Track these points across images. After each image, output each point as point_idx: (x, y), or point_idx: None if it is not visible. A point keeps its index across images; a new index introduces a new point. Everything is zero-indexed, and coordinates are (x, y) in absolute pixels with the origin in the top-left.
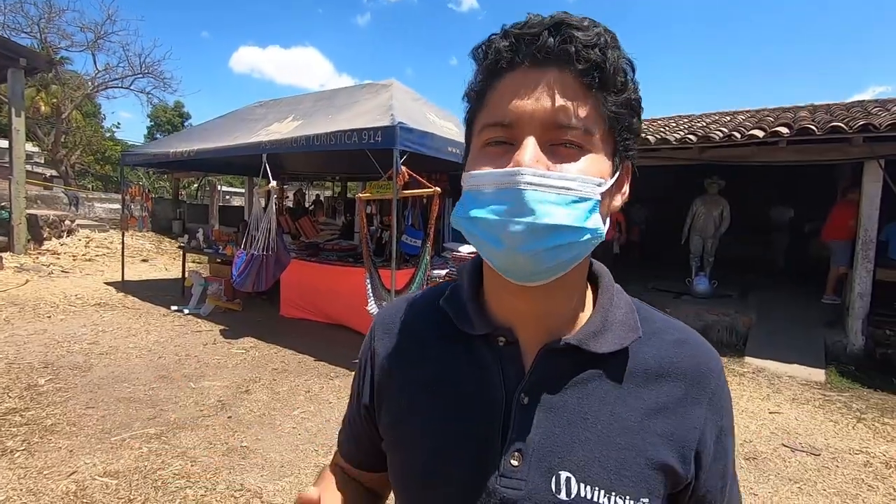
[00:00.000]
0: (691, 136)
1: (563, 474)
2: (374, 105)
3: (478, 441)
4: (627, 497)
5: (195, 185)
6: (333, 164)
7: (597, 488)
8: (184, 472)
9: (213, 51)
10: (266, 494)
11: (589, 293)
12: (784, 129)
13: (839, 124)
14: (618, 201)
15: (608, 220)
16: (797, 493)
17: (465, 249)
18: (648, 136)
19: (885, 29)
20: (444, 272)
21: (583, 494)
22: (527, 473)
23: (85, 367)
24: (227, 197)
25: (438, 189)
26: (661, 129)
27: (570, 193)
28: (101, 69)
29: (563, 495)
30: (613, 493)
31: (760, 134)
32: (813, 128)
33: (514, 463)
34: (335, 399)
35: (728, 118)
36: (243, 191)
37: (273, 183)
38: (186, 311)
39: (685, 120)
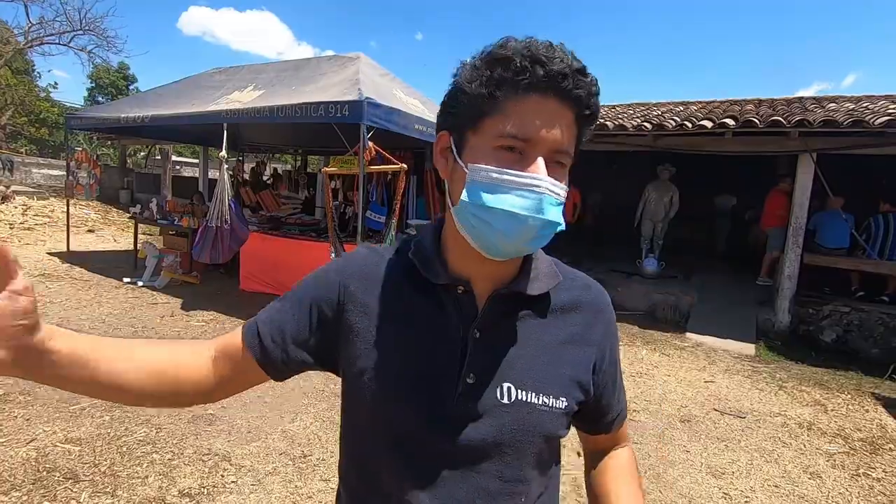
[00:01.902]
0: (647, 124)
1: (506, 385)
2: (340, 78)
3: (442, 366)
4: (551, 397)
5: (142, 154)
6: (295, 136)
7: (529, 392)
8: (149, 438)
9: (159, 8)
10: (234, 458)
11: None
12: (730, 121)
13: (779, 118)
14: None
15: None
16: (724, 450)
17: None
18: (607, 122)
19: (831, 30)
20: None
21: (520, 398)
22: (479, 387)
23: None
24: (178, 167)
25: (405, 166)
26: (620, 116)
27: (560, 198)
28: (34, 22)
29: (505, 399)
30: (541, 394)
31: (709, 124)
32: (756, 121)
33: (470, 381)
34: None
35: (681, 108)
36: (196, 161)
37: (224, 153)
38: (140, 283)
39: (642, 108)
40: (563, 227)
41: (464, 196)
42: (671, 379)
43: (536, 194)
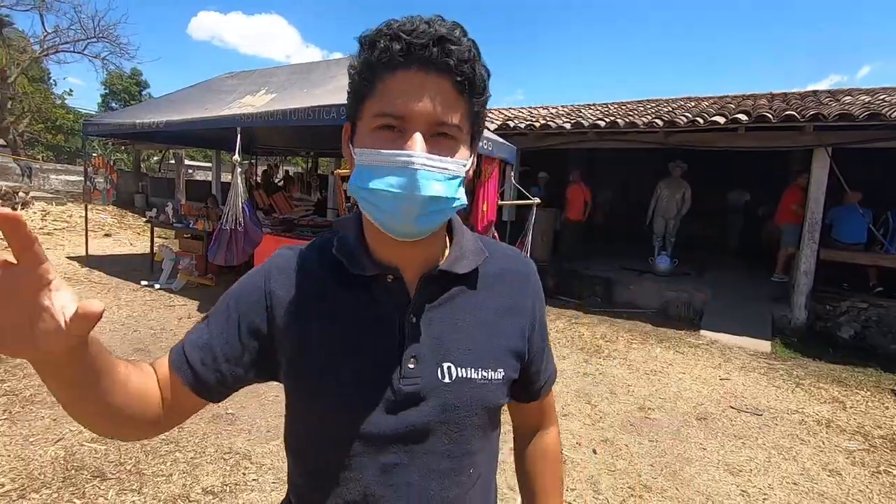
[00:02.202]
0: (658, 121)
1: (446, 365)
2: None
3: (382, 356)
4: (489, 369)
5: (156, 159)
6: (306, 139)
7: (469, 368)
8: (171, 437)
9: (170, 14)
10: (255, 456)
11: (445, 233)
12: (743, 117)
13: (793, 113)
14: (470, 173)
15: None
16: (741, 448)
17: None
18: (617, 120)
19: (845, 20)
20: None
21: (460, 375)
22: (421, 371)
23: None
24: (191, 171)
25: None
26: (630, 113)
27: (447, 172)
28: (50, 31)
29: (446, 379)
30: (480, 369)
31: (722, 120)
32: (769, 115)
33: (411, 366)
34: None
35: (693, 104)
36: (209, 165)
37: (236, 156)
38: (157, 285)
39: (653, 104)
40: (461, 202)
41: (351, 180)
42: (686, 377)
43: (410, 170)
